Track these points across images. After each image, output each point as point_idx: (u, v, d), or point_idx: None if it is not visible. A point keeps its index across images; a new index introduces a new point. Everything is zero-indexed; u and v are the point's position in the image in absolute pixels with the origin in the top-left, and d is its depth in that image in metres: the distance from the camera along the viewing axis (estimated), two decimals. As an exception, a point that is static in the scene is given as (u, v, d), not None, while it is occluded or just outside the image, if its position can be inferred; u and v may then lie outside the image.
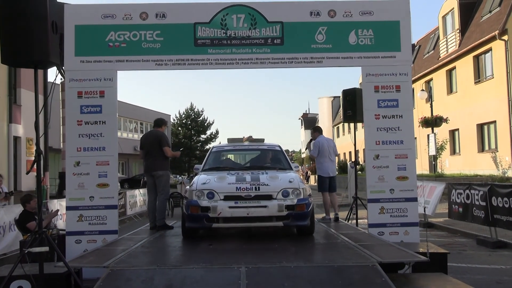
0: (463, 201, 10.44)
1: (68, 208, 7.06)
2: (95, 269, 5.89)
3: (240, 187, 6.51)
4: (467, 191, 10.24)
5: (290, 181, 6.77)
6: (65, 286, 5.65)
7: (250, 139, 9.36)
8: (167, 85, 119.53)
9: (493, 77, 21.95)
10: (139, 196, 18.65)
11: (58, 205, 10.79)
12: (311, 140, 9.65)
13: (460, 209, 10.59)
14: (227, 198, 6.43)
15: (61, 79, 13.03)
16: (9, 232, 8.96)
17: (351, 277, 4.68)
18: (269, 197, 6.46)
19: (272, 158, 8.65)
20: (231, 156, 9.80)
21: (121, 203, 15.85)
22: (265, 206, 6.35)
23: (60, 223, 10.32)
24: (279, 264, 4.97)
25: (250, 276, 4.59)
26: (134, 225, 12.85)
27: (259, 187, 6.52)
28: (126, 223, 15.17)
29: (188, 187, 7.12)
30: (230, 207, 6.34)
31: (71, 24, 6.99)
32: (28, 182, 18.62)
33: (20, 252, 5.79)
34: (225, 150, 9.33)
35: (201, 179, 6.98)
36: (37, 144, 5.40)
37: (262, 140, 9.62)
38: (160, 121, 8.62)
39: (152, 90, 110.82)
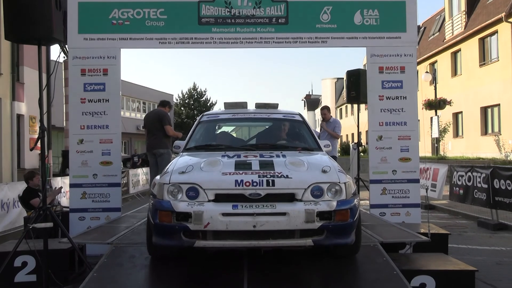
0: (464, 183, 10.47)
1: (71, 185, 7.11)
2: (99, 246, 5.96)
3: (242, 180, 4.07)
4: (469, 173, 10.26)
5: (324, 171, 4.28)
6: (69, 262, 5.74)
7: (258, 104, 6.47)
8: (170, 65, 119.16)
9: (498, 60, 21.81)
10: (141, 175, 18.75)
11: (62, 182, 10.85)
12: (324, 120, 9.75)
13: (461, 191, 10.62)
14: (220, 198, 4.05)
15: (64, 57, 13.02)
16: (13, 208, 9.03)
17: (352, 257, 4.71)
18: (290, 198, 4.08)
19: (291, 133, 6.03)
20: (229, 129, 7.22)
21: (124, 181, 15.93)
22: (283, 214, 3.94)
23: (64, 200, 10.39)
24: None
25: (251, 255, 4.61)
26: (136, 204, 12.92)
27: (273, 181, 4.08)
28: (129, 201, 15.25)
29: (158, 177, 4.55)
30: (224, 214, 3.93)
31: (74, 1, 6.92)
32: (31, 160, 18.69)
33: (25, 228, 5.85)
34: (221, 120, 6.43)
35: (180, 164, 4.54)
36: (41, 121, 5.41)
37: (275, 106, 6.48)
38: (165, 102, 8.68)
39: (155, 70, 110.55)
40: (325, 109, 10.04)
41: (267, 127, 6.42)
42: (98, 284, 4.26)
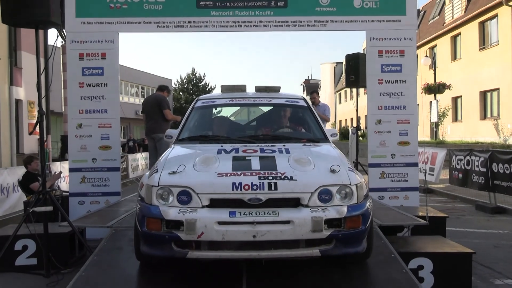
0: (463, 167, 10.50)
1: (71, 170, 7.13)
2: (98, 230, 6.00)
3: (240, 183, 3.63)
4: (468, 157, 10.29)
5: (333, 170, 3.81)
6: (69, 245, 5.77)
7: (258, 87, 5.95)
8: (169, 49, 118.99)
9: (498, 44, 21.73)
10: (141, 160, 18.80)
11: (61, 167, 10.87)
12: (313, 104, 9.58)
13: (460, 175, 10.65)
14: (215, 203, 3.62)
15: (62, 41, 12.94)
16: (13, 193, 9.07)
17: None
18: (295, 203, 3.65)
19: (295, 120, 5.67)
20: (225, 116, 6.52)
21: (123, 166, 15.96)
22: (287, 222, 3.51)
23: (63, 185, 10.42)
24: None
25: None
26: (136, 188, 12.95)
27: (275, 184, 3.63)
28: (128, 186, 15.29)
29: (146, 174, 4.14)
30: (220, 222, 3.50)
31: (71, -16, 6.87)
32: (30, 145, 18.70)
33: (24, 212, 5.87)
34: (217, 105, 5.94)
35: (171, 161, 4.17)
36: (40, 105, 5.39)
37: (277, 89, 5.92)
38: (164, 87, 8.65)
39: (154, 55, 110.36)
40: (315, 93, 9.90)
41: (267, 113, 5.94)
42: (98, 267, 4.29)
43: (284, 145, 4.48)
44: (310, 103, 5.88)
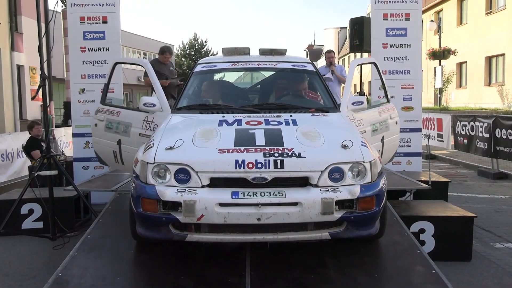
0: (468, 133, 10.48)
1: (74, 135, 7.16)
2: (103, 194, 6.06)
3: (243, 161, 3.31)
4: (472, 123, 10.26)
5: (344, 146, 3.48)
6: (74, 209, 5.84)
7: (262, 50, 5.45)
8: (170, 15, 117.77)
9: (505, 8, 21.34)
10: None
11: (65, 132, 10.90)
12: (330, 64, 8.71)
13: (466, 141, 10.65)
14: (216, 183, 3.31)
15: (62, 6, 12.77)
16: (17, 158, 9.12)
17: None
18: (303, 183, 3.34)
19: (303, 87, 5.26)
20: (227, 81, 6.09)
21: (126, 132, 15.95)
22: (294, 204, 3.23)
23: (67, 151, 10.46)
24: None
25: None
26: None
27: (282, 161, 3.32)
28: (132, 152, 15.37)
29: (141, 148, 3.78)
30: (222, 204, 3.22)
31: None
32: (33, 111, 18.67)
33: (29, 176, 5.92)
34: (218, 70, 5.47)
35: (168, 134, 3.79)
36: (42, 69, 5.36)
37: (283, 52, 5.45)
38: (160, 49, 8.14)
39: (155, 20, 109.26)
40: (332, 52, 8.97)
41: (273, 79, 5.46)
42: (103, 230, 4.35)
43: (291, 116, 4.14)
44: (317, 68, 5.41)
